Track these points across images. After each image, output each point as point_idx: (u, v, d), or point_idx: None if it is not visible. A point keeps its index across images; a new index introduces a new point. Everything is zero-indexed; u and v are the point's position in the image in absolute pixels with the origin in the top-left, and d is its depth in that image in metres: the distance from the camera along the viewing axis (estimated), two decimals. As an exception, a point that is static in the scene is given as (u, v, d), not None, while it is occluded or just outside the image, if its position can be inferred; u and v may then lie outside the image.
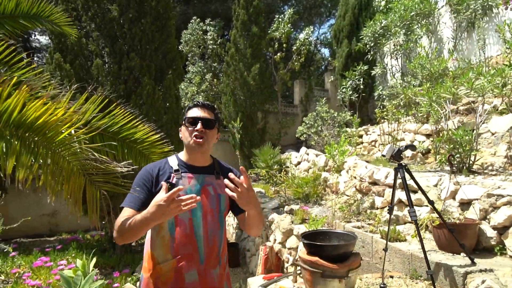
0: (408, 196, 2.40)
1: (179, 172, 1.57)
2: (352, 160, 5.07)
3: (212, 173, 1.63)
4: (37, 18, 3.44)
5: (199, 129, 1.54)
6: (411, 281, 2.54)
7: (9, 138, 1.98)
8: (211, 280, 1.55)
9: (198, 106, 1.62)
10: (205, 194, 1.56)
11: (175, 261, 1.50)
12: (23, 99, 1.97)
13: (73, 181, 2.16)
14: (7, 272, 4.43)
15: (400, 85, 6.70)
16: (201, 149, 1.58)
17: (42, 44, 14.70)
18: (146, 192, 1.53)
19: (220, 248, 1.60)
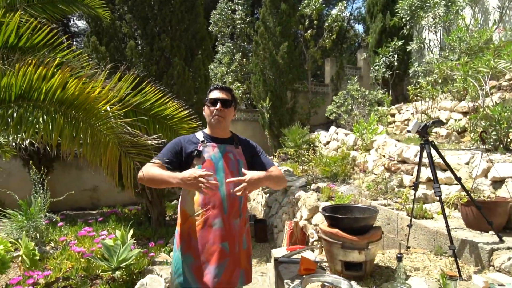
0: (433, 172, 2.36)
1: (205, 142, 1.91)
2: (381, 139, 4.97)
3: (232, 143, 1.97)
4: (74, 2, 3.63)
5: (218, 108, 1.89)
6: (435, 257, 2.53)
7: (54, 114, 2.18)
8: (233, 228, 1.87)
9: (217, 89, 1.95)
10: (226, 159, 1.89)
11: (204, 212, 1.83)
12: (65, 78, 2.14)
13: (109, 153, 2.35)
14: (56, 239, 4.87)
15: (437, 60, 6.37)
16: (220, 124, 1.93)
17: (80, 28, 15.33)
18: (173, 154, 1.87)
19: (240, 203, 1.92)
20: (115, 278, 3.64)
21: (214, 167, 1.86)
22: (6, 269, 1.31)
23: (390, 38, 8.45)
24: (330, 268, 2.28)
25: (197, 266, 1.81)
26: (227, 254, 1.83)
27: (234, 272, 1.85)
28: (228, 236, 1.84)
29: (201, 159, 1.86)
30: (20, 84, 2.04)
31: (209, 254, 1.80)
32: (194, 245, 1.82)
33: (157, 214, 5.87)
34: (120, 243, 3.95)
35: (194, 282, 1.80)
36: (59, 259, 4.10)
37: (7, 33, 2.30)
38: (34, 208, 4.47)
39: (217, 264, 1.79)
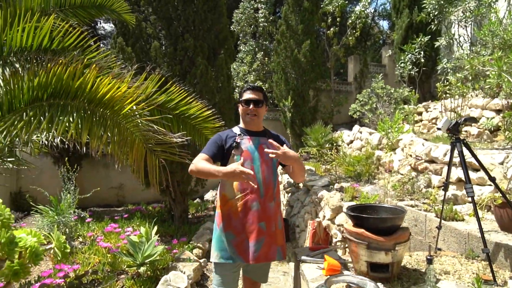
0: (465, 172, 2.26)
1: (241, 135, 2.16)
2: (408, 138, 4.82)
3: (264, 136, 2.21)
4: (102, 7, 3.74)
5: (252, 109, 2.14)
6: (466, 261, 2.42)
7: (83, 112, 2.24)
8: (268, 210, 2.10)
9: (249, 89, 2.18)
10: (261, 150, 2.12)
11: (243, 196, 2.07)
12: (93, 78, 2.20)
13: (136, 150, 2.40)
14: (84, 235, 5.04)
15: (467, 56, 6.09)
16: (254, 122, 2.18)
17: (106, 31, 15.79)
18: (217, 147, 2.11)
19: (274, 189, 2.16)
20: (140, 274, 3.72)
21: (251, 157, 2.10)
22: (39, 260, 1.35)
23: (417, 34, 8.17)
24: (355, 269, 2.23)
25: (238, 242, 2.05)
26: (264, 233, 2.06)
27: (271, 248, 2.09)
28: (264, 217, 2.07)
29: (239, 150, 2.10)
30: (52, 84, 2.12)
31: (248, 232, 2.04)
32: (234, 224, 2.06)
33: (180, 212, 5.95)
34: (144, 239, 4.03)
35: (236, 255, 2.04)
36: (87, 253, 4.24)
37: (41, 36, 2.39)
38: (64, 204, 4.64)
39: (256, 240, 2.03)
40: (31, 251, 1.34)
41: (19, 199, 6.94)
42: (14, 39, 2.17)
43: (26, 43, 2.16)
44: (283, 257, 2.18)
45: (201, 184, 6.20)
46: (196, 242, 4.84)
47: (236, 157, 2.09)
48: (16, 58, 2.16)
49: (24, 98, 1.87)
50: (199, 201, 7.85)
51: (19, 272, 1.31)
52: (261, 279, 2.32)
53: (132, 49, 5.32)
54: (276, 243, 2.12)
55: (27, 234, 1.39)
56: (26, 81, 1.96)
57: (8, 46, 2.23)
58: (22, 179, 7.13)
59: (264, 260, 2.07)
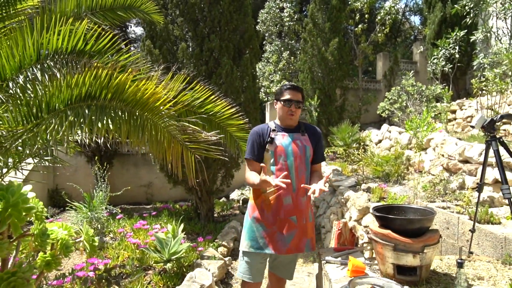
0: (501, 172, 2.13)
1: (276, 131, 2.20)
2: (440, 137, 4.62)
3: (299, 132, 2.23)
4: (131, 8, 3.85)
5: (292, 109, 2.16)
6: (503, 267, 2.28)
7: (121, 113, 2.32)
8: (300, 204, 2.15)
9: (290, 89, 2.18)
10: (294, 145, 2.16)
11: (276, 190, 2.09)
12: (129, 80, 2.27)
13: (173, 148, 2.48)
14: (115, 231, 5.23)
15: (506, 50, 5.75)
16: (292, 121, 2.21)
17: (137, 34, 16.35)
18: (257, 146, 2.17)
19: (306, 183, 2.14)
20: (166, 270, 3.81)
21: (285, 152, 2.14)
22: (70, 252, 1.42)
23: (451, 29, 7.82)
24: (381, 271, 2.16)
25: (269, 233, 2.10)
26: (296, 226, 2.11)
27: (302, 241, 2.13)
28: (296, 211, 2.12)
29: (273, 145, 2.14)
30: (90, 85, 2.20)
31: (280, 225, 2.10)
32: (266, 216, 2.12)
33: (206, 210, 6.04)
34: (171, 236, 4.12)
35: (266, 246, 2.09)
36: (117, 249, 4.39)
37: (75, 39, 2.50)
38: (96, 201, 4.84)
39: (287, 233, 2.09)
40: (62, 243, 1.40)
41: (55, 195, 7.31)
42: (51, 42, 2.28)
43: (61, 46, 2.27)
44: (311, 248, 2.22)
45: (226, 183, 6.25)
46: (221, 240, 4.88)
47: (270, 152, 2.15)
48: (53, 62, 2.27)
49: (63, 99, 1.96)
50: (225, 200, 7.92)
51: (51, 263, 1.37)
52: (287, 276, 2.33)
53: (159, 51, 5.46)
54: (306, 235, 2.16)
55: (59, 227, 1.46)
56: (64, 83, 2.05)
57: (45, 49, 2.35)
58: (58, 177, 7.50)
59: (294, 251, 2.12)
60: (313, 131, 2.30)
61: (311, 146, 2.22)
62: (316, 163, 2.28)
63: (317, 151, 2.27)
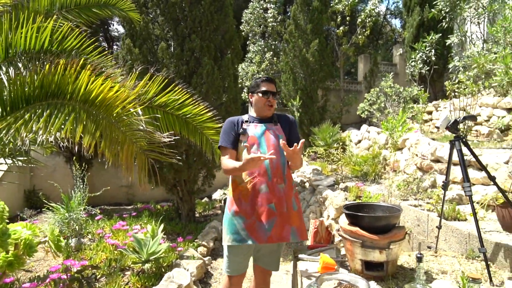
0: (463, 170, 2.23)
1: (248, 122, 2.25)
2: (414, 137, 4.76)
3: (271, 122, 2.27)
4: (106, 6, 3.82)
5: (271, 99, 2.22)
6: (466, 261, 2.38)
7: (78, 111, 2.30)
8: (278, 191, 2.13)
9: (266, 81, 2.24)
10: (267, 135, 2.21)
11: (251, 180, 2.13)
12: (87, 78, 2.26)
13: (126, 149, 2.45)
14: (93, 232, 5.15)
15: (479, 54, 5.96)
16: (270, 112, 2.26)
17: (120, 33, 16.08)
18: (232, 135, 2.20)
19: (283, 170, 2.19)
20: (145, 270, 3.79)
21: (258, 142, 2.18)
22: (33, 252, 1.41)
23: (428, 32, 8.04)
24: (351, 267, 2.23)
25: (249, 224, 2.09)
26: (275, 213, 2.09)
27: (284, 228, 2.10)
28: (274, 198, 2.11)
29: (245, 135, 2.18)
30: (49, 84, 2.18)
31: (259, 214, 2.09)
32: (244, 207, 2.12)
33: (187, 211, 6.02)
34: (150, 236, 4.10)
35: (248, 237, 2.08)
36: (95, 250, 4.34)
37: (42, 39, 2.47)
38: (74, 202, 4.76)
39: (267, 221, 2.07)
40: (26, 243, 1.40)
41: (32, 196, 7.15)
42: (19, 41, 2.25)
43: (29, 45, 2.24)
44: (299, 237, 2.18)
45: (208, 183, 6.25)
46: (201, 240, 4.89)
47: (243, 142, 2.16)
48: (20, 60, 2.24)
49: (25, 97, 1.95)
50: (207, 200, 7.91)
51: (13, 263, 1.37)
52: (272, 267, 2.31)
53: (139, 50, 5.42)
54: (289, 223, 2.13)
55: (23, 227, 1.45)
56: (28, 81, 2.03)
57: (13, 48, 2.32)
58: (36, 178, 7.34)
59: (277, 240, 2.08)
60: (285, 118, 2.35)
61: (284, 136, 2.25)
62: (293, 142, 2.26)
63: (291, 135, 2.30)
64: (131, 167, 2.41)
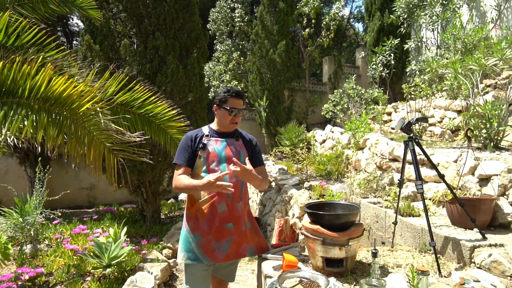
0: (415, 169, 2.37)
1: (209, 136, 2.14)
2: (374, 137, 4.97)
3: (233, 137, 2.19)
4: (65, 2, 3.64)
5: (237, 118, 2.13)
6: (419, 254, 2.53)
7: (38, 110, 2.20)
8: (236, 210, 2.11)
9: (235, 97, 2.11)
10: (228, 150, 2.12)
11: (209, 198, 2.06)
12: (48, 76, 2.16)
13: (93, 149, 2.37)
14: (51, 237, 4.90)
15: (432, 59, 6.34)
16: (234, 128, 2.18)
17: (80, 27, 15.35)
18: (188, 152, 2.09)
19: (241, 190, 2.15)
20: (106, 275, 3.67)
21: (218, 157, 2.09)
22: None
23: (388, 37, 8.42)
24: (312, 264, 2.29)
25: (204, 243, 2.04)
26: (232, 232, 2.07)
27: (241, 246, 2.09)
28: (232, 218, 2.08)
29: (205, 151, 2.08)
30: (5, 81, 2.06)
31: (216, 233, 2.04)
32: (201, 225, 2.05)
33: (152, 212, 5.90)
34: (112, 240, 3.98)
35: (203, 256, 2.03)
36: (52, 256, 4.14)
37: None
38: (30, 206, 4.50)
39: (224, 240, 2.04)
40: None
41: (-18, 201, 6.66)
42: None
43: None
44: (257, 252, 2.21)
45: (173, 184, 6.15)
46: (166, 242, 4.81)
47: (202, 159, 2.07)
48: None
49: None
50: (173, 201, 7.79)
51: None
52: (229, 278, 2.33)
53: (100, 47, 5.23)
54: (247, 241, 2.12)
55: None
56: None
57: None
58: (-14, 181, 6.85)
59: (234, 257, 2.09)
60: (249, 138, 2.27)
61: (246, 152, 2.18)
62: (256, 166, 2.19)
63: (254, 157, 2.22)
64: (99, 167, 2.34)
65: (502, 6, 7.01)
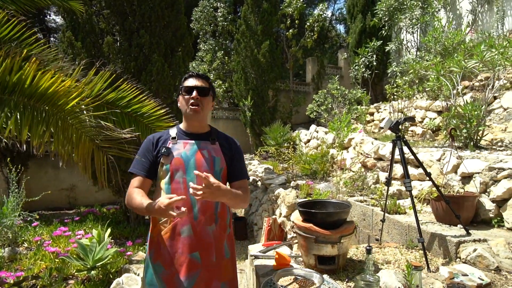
0: (404, 167, 2.43)
1: (176, 139, 1.71)
2: (359, 137, 5.07)
3: (207, 139, 1.74)
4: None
5: (195, 97, 1.66)
6: (406, 251, 2.60)
7: (22, 107, 2.11)
8: (205, 235, 1.63)
9: (193, 77, 1.73)
10: (199, 156, 1.68)
11: (171, 219, 1.61)
12: (33, 71, 2.08)
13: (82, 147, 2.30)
14: (30, 240, 4.73)
15: (413, 61, 6.53)
16: (198, 116, 1.69)
17: (58, 24, 14.88)
18: (149, 159, 1.70)
19: (216, 208, 1.68)
20: (91, 278, 3.58)
21: (184, 165, 1.64)
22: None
23: (370, 39, 8.60)
24: (305, 262, 2.32)
25: (168, 276, 1.61)
26: (199, 265, 1.61)
27: (211, 285, 1.63)
28: (199, 245, 1.62)
29: (169, 157, 1.65)
30: None
31: (178, 265, 1.60)
32: (163, 253, 1.63)
33: (136, 213, 5.79)
34: (96, 241, 3.88)
35: None
36: (33, 259, 3.99)
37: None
38: (7, 208, 4.33)
39: (187, 276, 1.58)
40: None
41: (-46, 203, 6.35)
42: None
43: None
44: None
45: (158, 184, 6.07)
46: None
47: (165, 167, 1.65)
48: None
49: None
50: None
51: None
52: None
53: (82, 44, 5.09)
54: (219, 278, 1.66)
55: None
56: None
57: None
58: (-42, 182, 6.54)
59: None
60: (228, 140, 1.81)
61: (223, 158, 1.72)
62: (235, 180, 1.75)
63: (234, 165, 1.76)
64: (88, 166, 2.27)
65: (477, 11, 7.30)
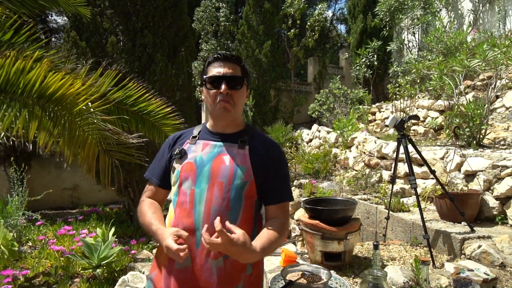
0: (409, 165, 2.45)
1: (196, 138, 1.31)
2: (362, 136, 5.09)
3: (236, 141, 1.27)
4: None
5: (224, 91, 1.20)
6: (411, 248, 2.63)
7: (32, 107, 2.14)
8: (206, 270, 1.17)
9: (219, 60, 1.25)
10: (217, 163, 1.23)
11: None
12: (44, 72, 2.11)
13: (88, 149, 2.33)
14: (34, 239, 4.76)
15: (415, 60, 6.56)
16: (228, 115, 1.25)
17: (59, 24, 14.91)
18: (163, 164, 1.34)
19: None
20: (96, 276, 3.60)
21: (195, 174, 1.22)
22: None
23: (371, 39, 8.63)
24: (311, 259, 2.34)
25: None
26: None
27: None
28: (195, 283, 1.18)
29: (182, 160, 1.26)
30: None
31: None
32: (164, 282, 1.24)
33: (140, 212, 5.82)
34: (101, 240, 3.91)
35: None
36: (38, 258, 4.02)
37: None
38: (11, 207, 4.36)
39: None
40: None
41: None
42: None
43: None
44: None
45: (161, 183, 6.09)
46: (155, 242, 4.76)
47: (176, 172, 1.26)
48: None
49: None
50: (160, 201, 7.69)
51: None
52: None
53: (86, 43, 5.12)
54: None
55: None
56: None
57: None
58: (-38, 181, 6.57)
59: None
60: (266, 145, 1.30)
61: (250, 169, 1.22)
62: (271, 202, 1.27)
63: (270, 181, 1.26)
64: (93, 168, 2.28)
65: (479, 11, 7.32)
